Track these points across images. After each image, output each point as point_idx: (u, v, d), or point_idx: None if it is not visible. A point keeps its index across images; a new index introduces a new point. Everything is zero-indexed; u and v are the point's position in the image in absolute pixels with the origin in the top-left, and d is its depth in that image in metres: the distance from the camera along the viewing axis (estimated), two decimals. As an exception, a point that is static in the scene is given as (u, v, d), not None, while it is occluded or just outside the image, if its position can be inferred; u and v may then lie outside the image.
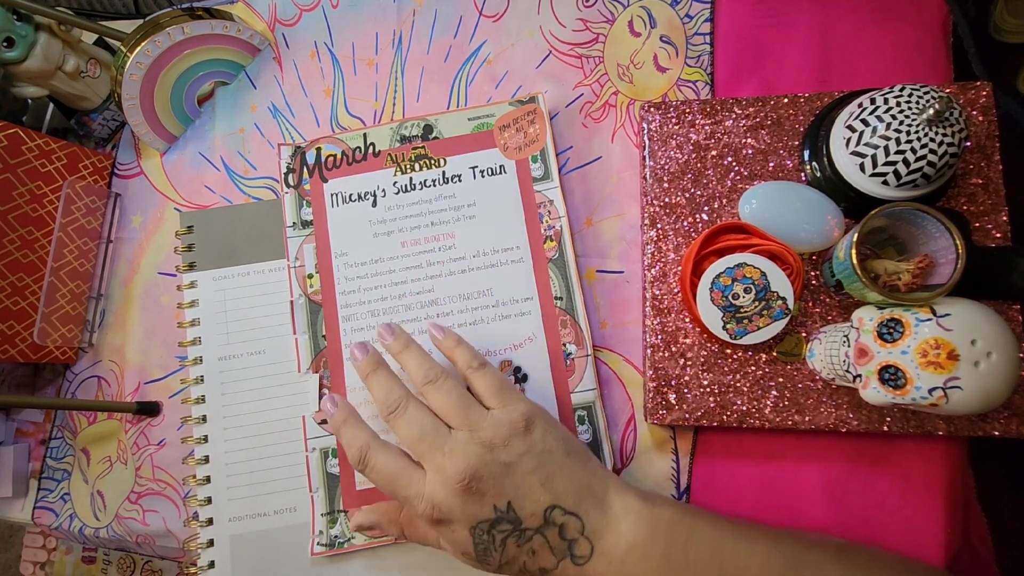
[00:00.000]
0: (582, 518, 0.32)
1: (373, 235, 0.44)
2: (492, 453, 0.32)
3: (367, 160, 0.46)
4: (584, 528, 0.32)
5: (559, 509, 0.32)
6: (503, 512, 0.32)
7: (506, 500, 0.32)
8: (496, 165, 0.44)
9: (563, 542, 0.32)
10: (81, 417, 0.51)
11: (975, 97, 0.37)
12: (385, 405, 0.35)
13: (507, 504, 0.32)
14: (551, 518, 0.32)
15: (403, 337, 0.38)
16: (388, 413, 0.35)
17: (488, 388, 0.35)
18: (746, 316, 0.35)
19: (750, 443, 0.38)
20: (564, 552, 0.32)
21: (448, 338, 0.38)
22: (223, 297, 0.46)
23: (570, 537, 0.32)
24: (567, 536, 0.32)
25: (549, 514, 0.32)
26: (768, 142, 0.39)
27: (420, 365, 0.36)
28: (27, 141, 0.47)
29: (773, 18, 0.43)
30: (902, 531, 0.36)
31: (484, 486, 0.32)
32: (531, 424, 0.34)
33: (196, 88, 0.51)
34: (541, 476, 0.32)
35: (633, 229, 0.43)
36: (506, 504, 0.32)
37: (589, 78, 0.45)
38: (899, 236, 0.34)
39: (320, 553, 0.41)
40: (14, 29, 0.45)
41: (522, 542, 0.32)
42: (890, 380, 0.29)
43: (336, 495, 0.41)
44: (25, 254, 0.47)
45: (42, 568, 0.55)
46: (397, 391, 0.35)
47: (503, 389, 0.35)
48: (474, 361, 0.36)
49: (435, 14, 0.49)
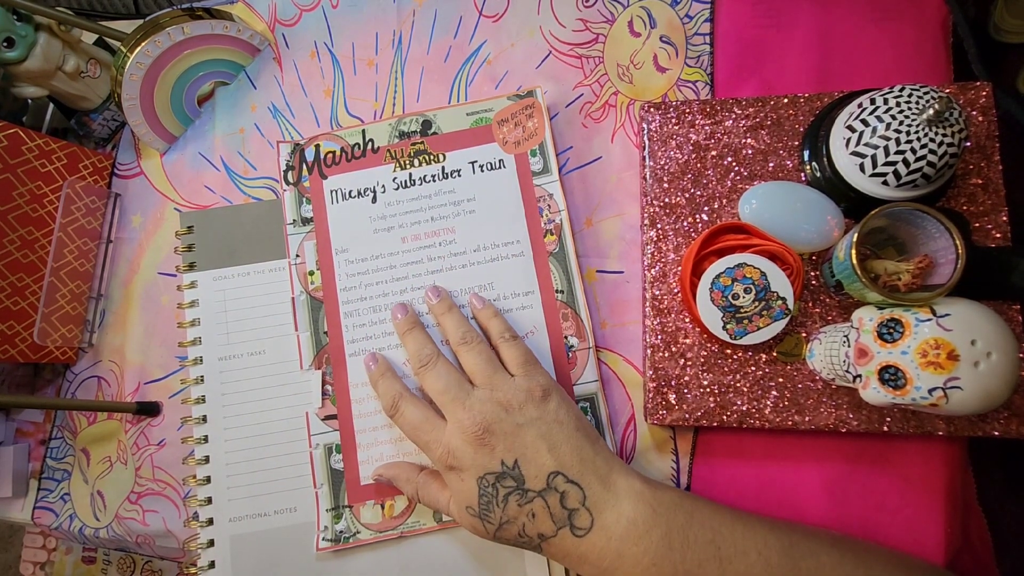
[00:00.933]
0: (584, 489, 0.33)
1: (373, 231, 0.45)
2: (507, 412, 0.35)
3: (366, 156, 0.46)
4: (585, 499, 0.33)
5: (562, 476, 0.34)
6: (509, 468, 0.34)
7: (513, 457, 0.34)
8: (495, 160, 0.44)
9: (563, 510, 0.33)
10: (81, 417, 0.51)
11: (975, 97, 0.37)
12: (417, 358, 0.38)
13: (514, 461, 0.34)
14: (553, 483, 0.33)
15: (447, 301, 0.41)
16: (419, 366, 0.38)
17: (515, 358, 0.38)
18: (746, 316, 0.35)
19: (750, 443, 0.38)
20: (564, 520, 0.33)
21: (487, 308, 0.41)
22: (223, 297, 0.46)
23: (571, 506, 0.33)
24: (568, 505, 0.33)
25: (552, 479, 0.33)
26: (768, 142, 0.39)
27: (458, 327, 0.39)
28: (27, 141, 0.47)
29: (773, 18, 0.43)
30: (902, 531, 0.36)
31: (495, 440, 0.34)
32: (548, 395, 0.36)
33: (196, 88, 0.51)
34: (549, 443, 0.34)
35: (633, 229, 0.43)
36: (513, 461, 0.34)
37: (589, 78, 0.45)
38: (899, 236, 0.34)
39: (325, 548, 0.41)
40: (14, 29, 0.45)
41: (523, 502, 0.33)
42: (890, 380, 0.29)
43: (340, 491, 0.41)
44: (25, 254, 0.47)
45: (42, 568, 0.55)
46: (429, 347, 0.39)
47: (528, 362, 0.38)
48: (507, 332, 0.39)
49: (435, 14, 0.49)
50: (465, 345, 0.38)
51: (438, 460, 0.36)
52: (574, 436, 0.35)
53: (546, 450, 0.34)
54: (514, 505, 0.34)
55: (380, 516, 0.41)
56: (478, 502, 0.34)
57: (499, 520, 0.34)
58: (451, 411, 0.36)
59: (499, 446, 0.34)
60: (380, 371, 0.40)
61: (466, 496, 0.35)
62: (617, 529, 0.32)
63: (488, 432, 0.34)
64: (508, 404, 0.35)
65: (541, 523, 0.33)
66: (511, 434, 0.34)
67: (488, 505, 0.34)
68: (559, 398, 0.36)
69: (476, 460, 0.34)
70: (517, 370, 0.37)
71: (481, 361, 0.37)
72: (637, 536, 0.32)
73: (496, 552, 0.40)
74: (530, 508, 0.33)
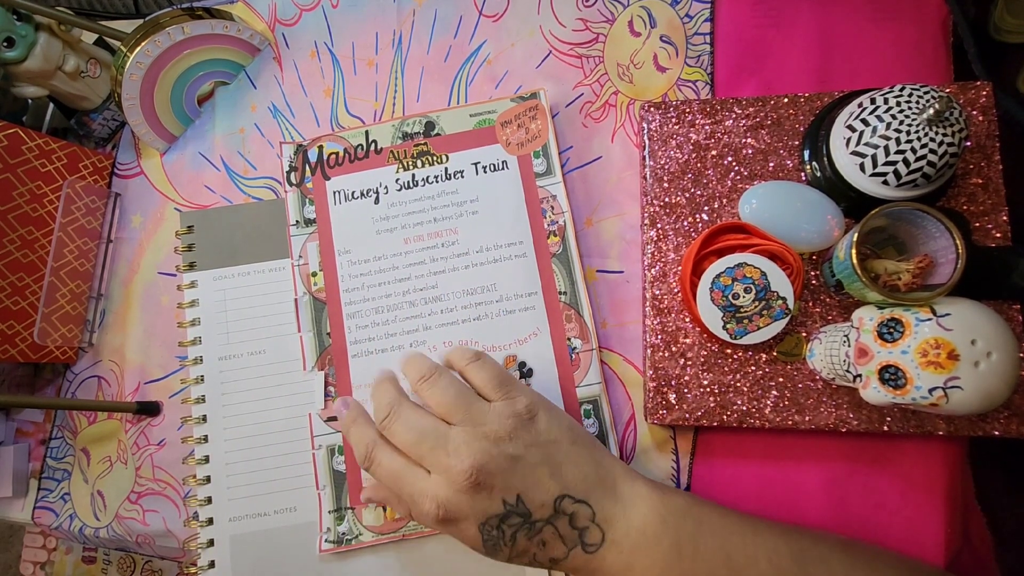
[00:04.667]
0: (592, 505, 0.32)
1: (376, 232, 0.44)
2: (498, 447, 0.31)
3: (369, 157, 0.46)
4: (595, 515, 0.32)
5: (568, 498, 0.32)
6: (512, 506, 0.31)
7: (515, 493, 0.31)
8: (498, 161, 0.44)
9: (574, 531, 0.31)
10: (81, 417, 0.51)
11: (975, 97, 0.37)
12: (376, 414, 0.34)
13: (516, 497, 0.31)
14: (561, 507, 0.31)
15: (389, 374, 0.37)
16: (380, 422, 0.34)
17: (488, 380, 0.34)
18: (746, 316, 0.35)
19: (750, 443, 0.38)
20: (575, 541, 0.32)
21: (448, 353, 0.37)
22: (223, 297, 0.46)
23: (581, 525, 0.31)
24: (577, 525, 0.31)
25: (559, 504, 0.31)
26: (768, 142, 0.39)
27: (417, 366, 0.35)
28: (27, 141, 0.47)
29: (773, 18, 0.43)
30: (902, 531, 0.36)
31: (492, 481, 0.31)
32: (535, 414, 0.33)
33: (196, 88, 0.51)
34: (549, 467, 0.32)
35: (633, 229, 0.43)
36: (515, 497, 0.31)
37: (589, 78, 0.45)
38: (899, 236, 0.34)
39: (328, 550, 0.41)
40: (14, 29, 0.45)
41: (532, 534, 0.31)
42: (890, 380, 0.29)
43: (343, 492, 0.41)
44: (25, 254, 0.47)
45: (42, 568, 0.55)
46: (386, 396, 0.34)
47: (504, 381, 0.34)
48: (467, 354, 0.35)
49: (435, 14, 0.49)
50: (426, 381, 0.34)
51: (427, 516, 0.32)
52: (572, 451, 0.33)
53: (548, 475, 0.32)
54: (523, 540, 0.31)
55: (382, 518, 0.41)
56: (483, 545, 0.32)
57: (508, 555, 0.32)
58: (434, 461, 0.32)
59: (498, 485, 0.31)
60: (352, 417, 0.35)
61: (470, 542, 0.32)
62: (627, 542, 0.31)
63: (483, 473, 0.31)
64: (496, 436, 0.32)
65: (552, 549, 0.32)
66: (507, 469, 0.31)
67: (495, 546, 0.32)
68: (547, 413, 0.34)
69: (475, 507, 0.31)
70: (493, 393, 0.34)
71: (451, 395, 0.33)
72: (647, 546, 0.31)
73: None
74: (540, 538, 0.31)
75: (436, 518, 0.31)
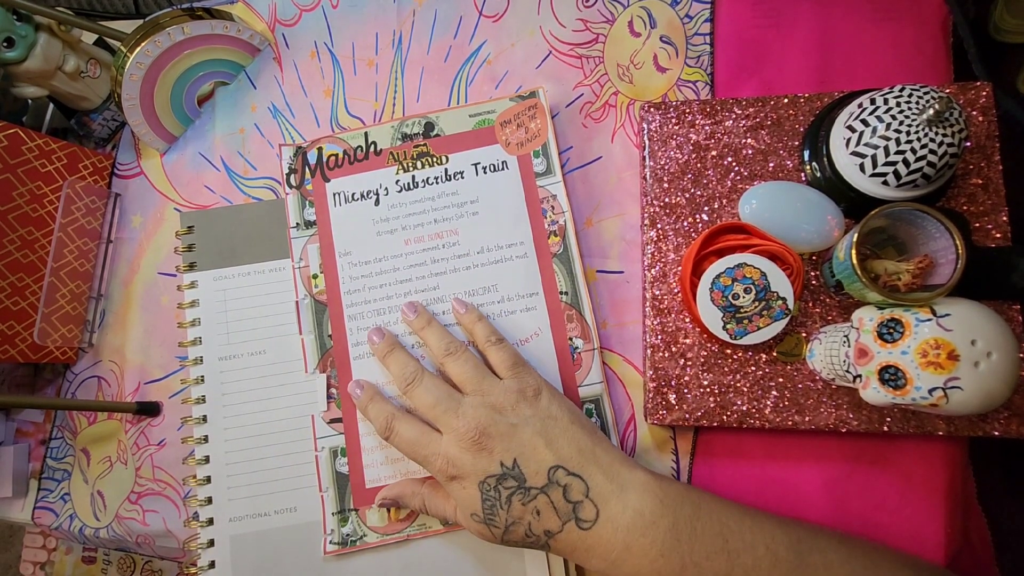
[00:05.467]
0: (586, 480, 0.33)
1: (376, 234, 0.44)
2: (501, 414, 0.35)
3: (369, 159, 0.46)
4: (588, 490, 0.33)
5: (562, 469, 0.34)
6: (509, 468, 0.34)
7: (512, 457, 0.34)
8: (498, 161, 0.44)
9: (568, 504, 0.33)
10: (81, 417, 0.51)
11: (975, 97, 0.37)
12: (402, 379, 0.38)
13: (513, 461, 0.34)
14: (555, 477, 0.34)
15: (424, 315, 0.41)
16: (405, 385, 0.38)
17: (503, 361, 0.38)
18: (746, 316, 0.35)
19: (750, 443, 0.38)
20: (569, 514, 0.33)
21: (470, 313, 0.41)
22: (223, 297, 0.46)
23: (574, 499, 0.33)
24: (571, 498, 0.33)
25: (553, 474, 0.34)
26: (768, 142, 0.39)
27: (440, 339, 0.39)
28: (27, 141, 0.47)
29: (773, 18, 0.43)
30: (902, 531, 0.36)
31: (492, 443, 0.34)
32: (539, 393, 0.36)
33: (196, 88, 0.51)
34: (545, 438, 0.35)
35: (633, 229, 0.43)
36: (512, 460, 0.34)
37: (589, 78, 0.45)
38: (899, 236, 0.34)
39: (332, 552, 0.41)
40: (14, 29, 0.45)
41: (527, 500, 0.33)
42: (890, 380, 0.29)
43: (346, 493, 0.42)
44: (25, 254, 0.47)
45: (42, 568, 0.55)
46: (412, 366, 0.39)
47: (517, 363, 0.38)
48: (492, 336, 0.39)
49: (435, 14, 0.49)
50: (450, 356, 0.38)
51: (439, 472, 0.36)
52: (570, 429, 0.35)
53: (543, 445, 0.34)
54: (518, 505, 0.34)
55: (386, 519, 0.41)
56: (482, 507, 0.34)
57: (505, 522, 0.34)
58: (445, 422, 0.36)
59: (497, 448, 0.34)
60: (368, 396, 0.40)
61: (470, 503, 0.35)
62: (623, 520, 0.32)
63: (484, 435, 0.34)
64: (500, 406, 0.36)
65: (546, 519, 0.33)
66: (507, 435, 0.35)
67: (492, 509, 0.34)
68: (550, 394, 0.37)
69: (476, 465, 0.34)
70: (506, 372, 0.37)
71: (468, 369, 0.37)
72: (644, 527, 0.32)
73: (498, 554, 0.40)
74: (534, 505, 0.33)
75: (445, 474, 0.35)
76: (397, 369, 0.39)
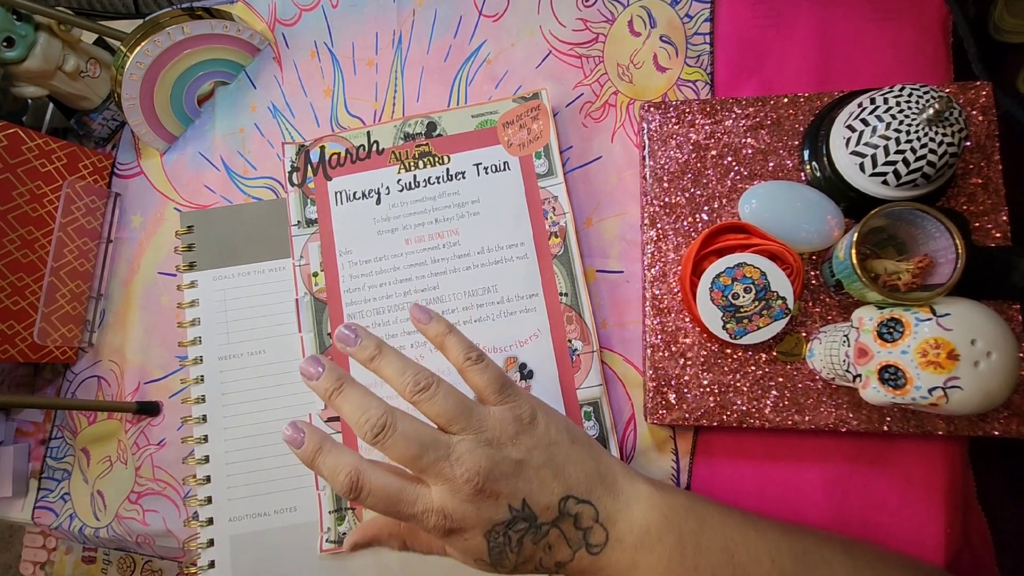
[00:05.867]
0: (595, 505, 0.31)
1: (377, 233, 0.45)
2: (501, 451, 0.31)
3: (371, 158, 0.46)
4: (598, 515, 0.31)
5: (573, 499, 0.31)
6: (519, 511, 0.30)
7: (520, 498, 0.30)
8: (500, 162, 0.44)
9: (578, 532, 0.31)
10: (81, 417, 0.51)
11: (975, 97, 0.37)
12: (367, 429, 0.30)
13: (522, 502, 0.30)
14: (566, 508, 0.31)
15: (370, 344, 0.33)
16: (373, 437, 0.30)
17: (488, 383, 0.33)
18: (746, 316, 0.35)
19: (750, 443, 0.38)
20: (579, 543, 0.31)
21: (437, 324, 0.34)
22: (223, 297, 0.46)
23: (585, 526, 0.31)
24: (582, 525, 0.31)
25: (564, 505, 0.31)
26: (768, 142, 0.39)
27: (403, 373, 0.32)
28: (27, 141, 0.47)
29: (773, 18, 0.43)
30: (902, 531, 0.36)
31: (497, 487, 0.30)
32: (535, 417, 0.32)
33: (196, 88, 0.51)
34: (552, 468, 0.31)
35: (633, 229, 0.43)
36: (521, 502, 0.30)
37: (589, 78, 0.45)
38: (899, 236, 0.34)
39: (329, 550, 0.41)
40: (14, 29, 0.45)
41: (538, 538, 0.31)
42: (890, 380, 0.29)
43: None
44: (25, 254, 0.47)
45: (42, 568, 0.55)
46: (375, 408, 0.30)
47: (505, 385, 0.33)
48: (471, 353, 0.33)
49: (435, 14, 0.49)
50: (422, 393, 0.31)
51: (434, 529, 0.30)
52: (573, 451, 0.32)
53: (551, 477, 0.31)
54: (529, 545, 0.31)
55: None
56: (489, 554, 0.31)
57: (514, 563, 0.31)
58: (436, 473, 0.30)
59: (503, 491, 0.30)
60: (314, 444, 0.31)
61: (475, 552, 0.31)
62: (631, 539, 0.31)
63: (488, 480, 0.30)
64: (499, 441, 0.31)
65: (558, 552, 0.31)
66: (512, 474, 0.30)
67: (500, 554, 0.31)
68: (545, 416, 0.33)
69: (481, 516, 0.30)
70: (494, 398, 0.33)
71: (450, 406, 0.31)
72: (650, 544, 0.31)
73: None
74: (546, 542, 0.31)
75: (443, 530, 0.30)
76: (355, 416, 0.30)
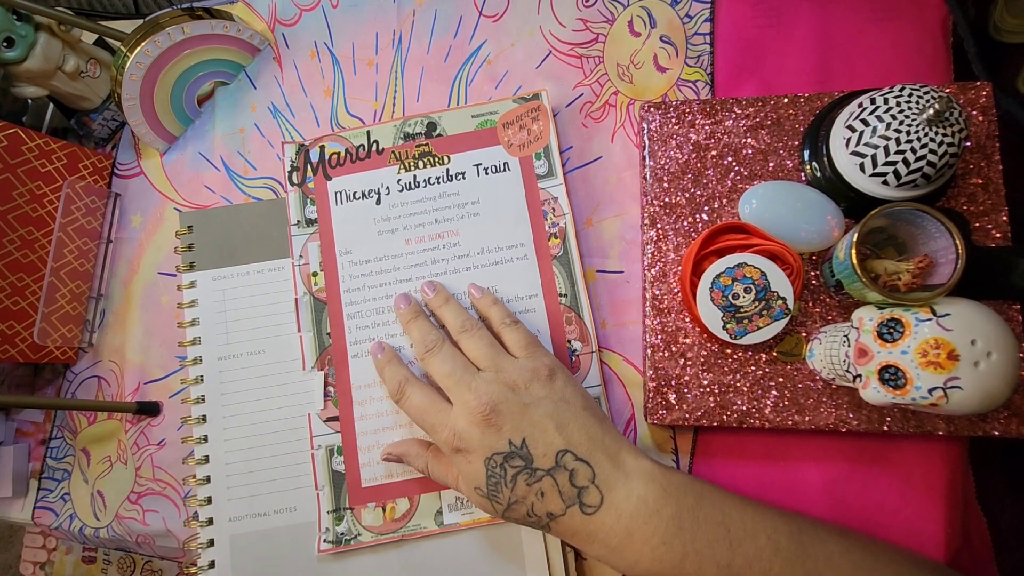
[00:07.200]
0: (593, 467, 0.33)
1: (377, 233, 0.45)
2: (513, 393, 0.35)
3: (371, 158, 0.46)
4: (595, 477, 0.33)
5: (571, 454, 0.33)
6: (517, 447, 0.34)
7: (521, 436, 0.34)
8: (500, 162, 0.44)
9: (573, 488, 0.33)
10: (81, 417, 0.51)
11: (975, 97, 0.37)
12: (422, 345, 0.39)
13: (522, 440, 0.34)
14: (562, 461, 0.33)
15: (443, 293, 0.42)
16: (424, 352, 0.38)
17: (518, 341, 0.38)
18: (746, 316, 0.35)
19: (750, 443, 0.38)
20: (573, 499, 0.33)
21: (485, 297, 0.41)
22: (223, 297, 0.46)
23: (580, 484, 0.33)
24: (577, 483, 0.33)
25: (560, 457, 0.33)
26: (768, 142, 0.39)
27: (457, 316, 0.40)
28: (27, 141, 0.47)
29: (773, 18, 0.43)
30: (902, 531, 0.36)
31: (502, 420, 0.34)
32: (553, 375, 0.36)
33: (196, 88, 0.51)
34: (556, 421, 0.34)
35: (633, 229, 0.43)
36: (520, 440, 0.34)
37: (589, 78, 0.45)
38: (899, 236, 0.34)
39: (327, 550, 0.41)
40: (14, 29, 0.45)
41: (532, 481, 0.33)
42: (890, 380, 0.29)
43: (342, 492, 0.41)
44: (25, 254, 0.47)
45: (42, 568, 0.55)
46: (433, 334, 0.39)
47: (532, 343, 0.38)
48: (507, 318, 0.39)
49: (435, 14, 0.49)
50: (465, 333, 0.38)
51: (444, 443, 0.36)
52: (581, 415, 0.35)
53: (554, 428, 0.34)
54: (523, 484, 0.33)
55: (381, 519, 0.41)
56: (486, 483, 0.34)
57: (508, 500, 0.34)
58: (457, 394, 0.36)
59: (506, 426, 0.34)
60: (386, 358, 0.41)
61: (474, 477, 0.35)
62: (627, 507, 0.32)
63: (495, 412, 0.34)
64: (514, 384, 0.35)
65: (550, 502, 0.33)
66: (518, 413, 0.34)
67: (496, 485, 0.34)
68: (565, 378, 0.36)
69: (483, 441, 0.34)
70: (520, 352, 0.37)
71: (483, 346, 0.37)
72: (647, 514, 0.32)
73: (498, 555, 0.40)
74: (539, 487, 0.33)
75: (451, 446, 0.35)
76: (419, 335, 0.39)
